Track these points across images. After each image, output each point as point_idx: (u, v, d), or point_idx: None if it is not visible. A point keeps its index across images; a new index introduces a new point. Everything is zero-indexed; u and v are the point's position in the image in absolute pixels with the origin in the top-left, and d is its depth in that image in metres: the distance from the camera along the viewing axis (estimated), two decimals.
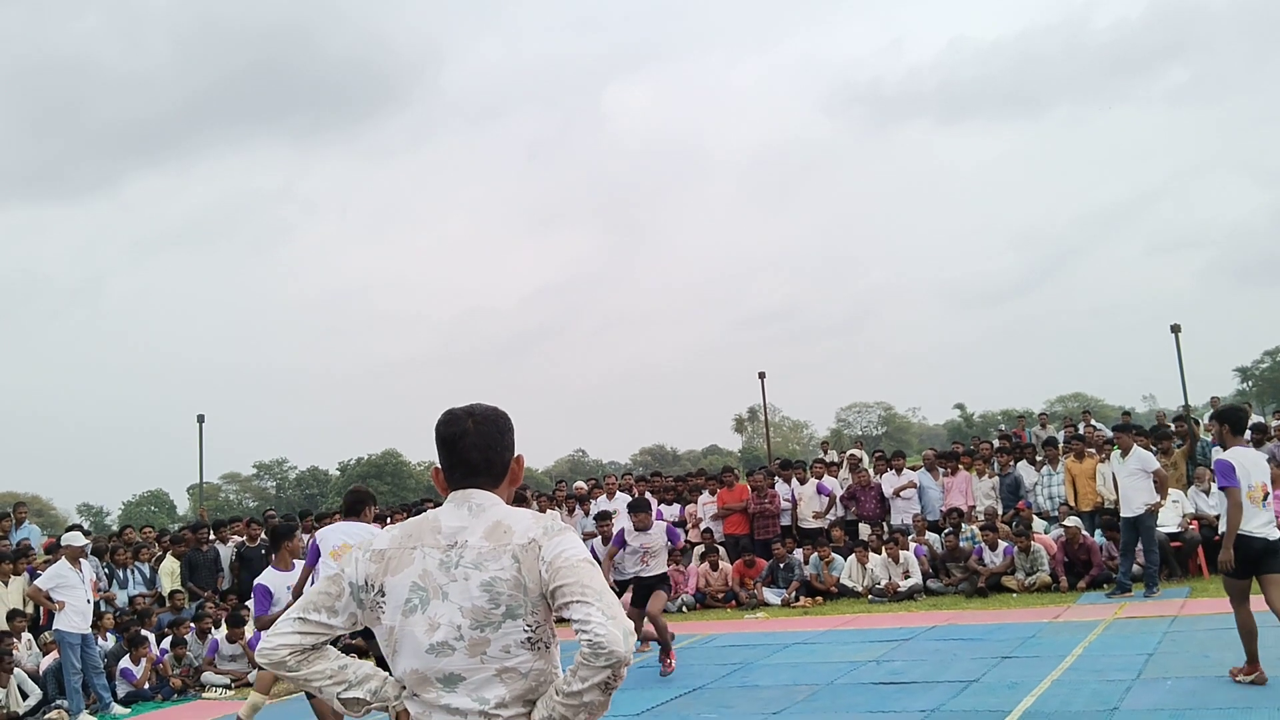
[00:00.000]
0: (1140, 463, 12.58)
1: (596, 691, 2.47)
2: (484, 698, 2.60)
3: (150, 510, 76.98)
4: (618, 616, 2.48)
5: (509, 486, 2.86)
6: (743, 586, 15.29)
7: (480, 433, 2.81)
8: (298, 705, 10.92)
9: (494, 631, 2.59)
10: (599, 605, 2.49)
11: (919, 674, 9.24)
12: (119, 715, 11.32)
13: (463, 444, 2.80)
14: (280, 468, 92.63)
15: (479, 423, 2.82)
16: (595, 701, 2.49)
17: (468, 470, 2.80)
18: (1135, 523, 12.40)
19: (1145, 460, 12.68)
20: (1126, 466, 12.57)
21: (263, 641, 2.75)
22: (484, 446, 2.80)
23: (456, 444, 2.81)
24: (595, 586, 2.54)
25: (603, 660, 2.44)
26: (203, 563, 15.22)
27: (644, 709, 8.89)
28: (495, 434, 2.83)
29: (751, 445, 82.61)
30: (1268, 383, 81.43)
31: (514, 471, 2.87)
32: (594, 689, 2.47)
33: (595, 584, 2.55)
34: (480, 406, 2.88)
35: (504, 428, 2.86)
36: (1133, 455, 12.60)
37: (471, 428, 2.81)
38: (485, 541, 2.66)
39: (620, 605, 2.55)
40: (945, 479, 16.29)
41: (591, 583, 2.55)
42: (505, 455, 2.84)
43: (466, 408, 2.88)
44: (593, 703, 2.49)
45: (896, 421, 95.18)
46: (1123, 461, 12.64)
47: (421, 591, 2.66)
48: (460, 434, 2.81)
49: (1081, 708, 7.52)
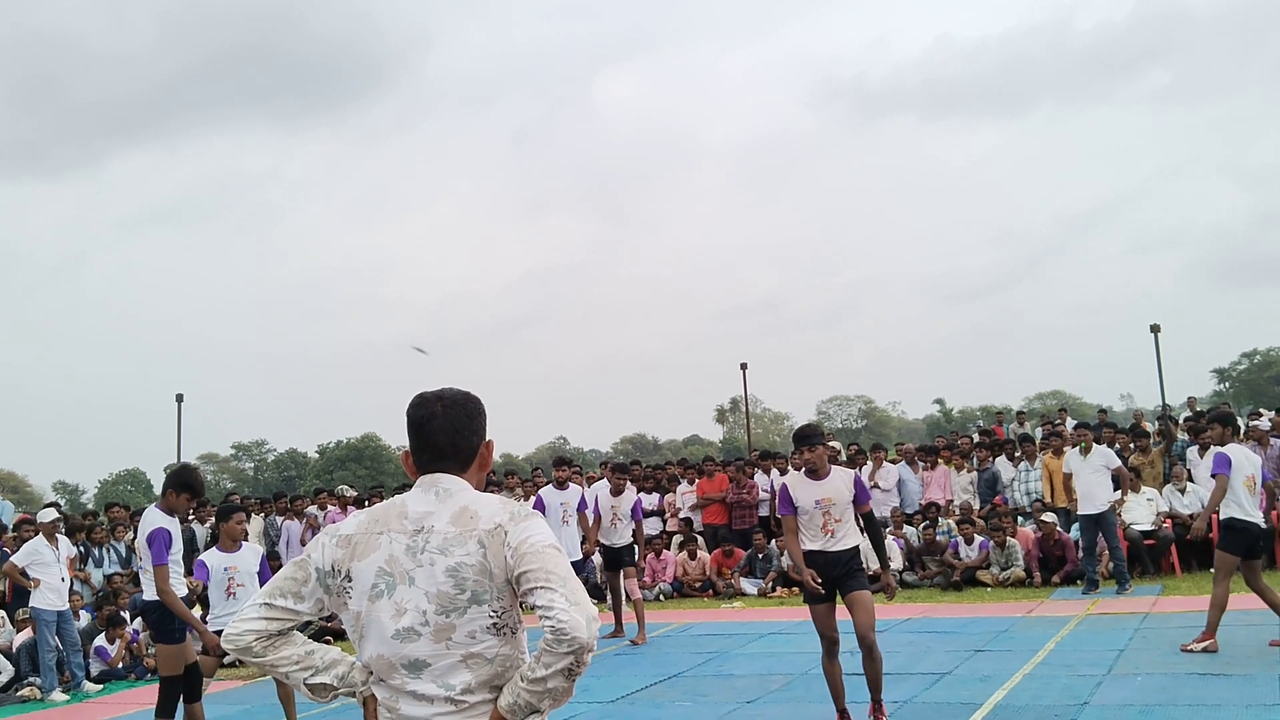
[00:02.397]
0: (1103, 459, 12.66)
1: (560, 678, 2.47)
2: (449, 684, 2.60)
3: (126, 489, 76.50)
4: (581, 603, 2.48)
5: (479, 472, 2.84)
6: (720, 576, 15.33)
7: (449, 417, 2.79)
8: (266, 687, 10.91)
9: (459, 617, 2.59)
10: (563, 591, 2.49)
11: (892, 666, 9.26)
12: (92, 694, 11.28)
13: (430, 427, 2.79)
14: (259, 449, 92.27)
15: (448, 406, 2.80)
16: (559, 688, 2.49)
17: (435, 454, 2.79)
18: (1097, 519, 12.47)
19: (1108, 457, 12.76)
20: (1089, 463, 12.62)
21: (229, 627, 2.74)
22: (452, 431, 2.78)
23: (424, 427, 2.79)
24: (559, 573, 2.53)
25: (565, 646, 2.43)
26: None
27: (619, 695, 8.91)
28: (464, 418, 2.81)
29: (733, 436, 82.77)
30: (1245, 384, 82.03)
31: (483, 457, 2.84)
32: (557, 675, 2.46)
33: (560, 570, 2.54)
34: (451, 390, 2.86)
35: (473, 412, 2.84)
36: (1095, 452, 12.68)
37: (440, 411, 2.79)
38: (452, 527, 2.65)
39: (585, 591, 2.54)
40: (924, 473, 16.38)
41: (556, 569, 2.54)
42: (474, 440, 2.81)
43: (437, 391, 2.85)
44: (557, 689, 2.49)
45: (876, 415, 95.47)
46: (1084, 458, 12.68)
47: (388, 577, 2.65)
48: (428, 417, 2.79)
49: (1052, 702, 7.57)
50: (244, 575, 8.06)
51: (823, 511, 6.88)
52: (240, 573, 8.06)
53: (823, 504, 6.88)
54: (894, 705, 7.85)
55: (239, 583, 8.02)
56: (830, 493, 6.89)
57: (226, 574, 8.04)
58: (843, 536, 6.90)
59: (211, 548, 8.53)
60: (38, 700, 11.06)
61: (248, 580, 8.06)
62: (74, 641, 11.51)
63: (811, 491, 6.93)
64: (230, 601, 7.99)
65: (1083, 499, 12.59)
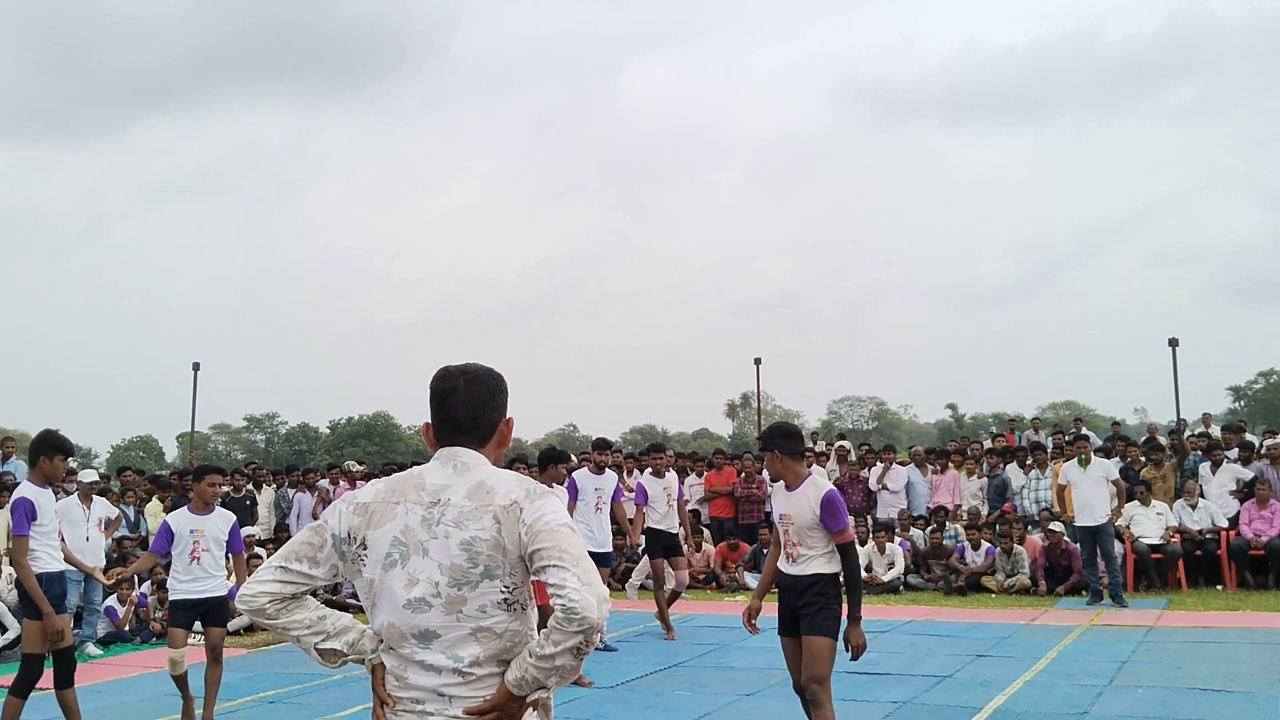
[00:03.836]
0: (1103, 471, 12.62)
1: (568, 656, 2.49)
2: (458, 655, 2.62)
3: (139, 455, 76.93)
4: (593, 583, 2.49)
5: (498, 448, 2.84)
6: (725, 569, 15.35)
7: (470, 391, 2.80)
8: (270, 656, 10.98)
9: (471, 591, 2.61)
10: (575, 570, 2.51)
11: (893, 666, 9.30)
12: (94, 655, 11.36)
13: (452, 401, 2.80)
14: (271, 422, 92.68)
15: (470, 381, 2.82)
16: (567, 665, 2.51)
17: (454, 428, 2.80)
18: (1095, 532, 12.43)
19: (1107, 469, 12.73)
20: (1088, 475, 12.57)
21: (243, 588, 2.77)
22: (473, 405, 2.79)
23: (446, 400, 2.81)
24: (573, 552, 2.55)
25: (575, 625, 2.45)
26: None
27: (619, 682, 8.94)
28: (485, 394, 2.82)
29: (742, 431, 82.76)
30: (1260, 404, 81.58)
31: (503, 434, 2.85)
32: (566, 653, 2.48)
33: (573, 549, 2.56)
34: (475, 366, 2.88)
35: (495, 389, 2.85)
36: (1095, 464, 12.65)
37: (463, 385, 2.81)
38: (468, 501, 2.67)
39: (597, 572, 2.56)
40: (934, 476, 16.36)
41: (569, 548, 2.55)
42: (494, 416, 2.82)
43: (461, 366, 2.87)
44: (564, 666, 2.51)
45: (888, 417, 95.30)
46: (1084, 470, 12.63)
47: (402, 546, 2.68)
48: (450, 390, 2.81)
49: (1052, 709, 7.57)
50: (210, 540, 7.78)
51: (783, 529, 5.95)
52: (207, 537, 7.76)
53: (784, 520, 5.92)
54: (894, 706, 7.86)
55: (204, 547, 7.71)
56: (792, 509, 5.85)
57: (192, 536, 7.72)
58: (804, 561, 5.84)
59: (181, 507, 8.21)
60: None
61: (214, 546, 7.77)
62: (94, 603, 11.63)
63: (780, 503, 5.99)
64: (194, 566, 7.68)
65: (1082, 510, 12.53)
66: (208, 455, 73.50)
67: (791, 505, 5.86)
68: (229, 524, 8.00)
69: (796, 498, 5.83)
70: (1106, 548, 12.52)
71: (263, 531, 15.66)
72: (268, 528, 15.98)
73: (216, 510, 7.97)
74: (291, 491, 16.62)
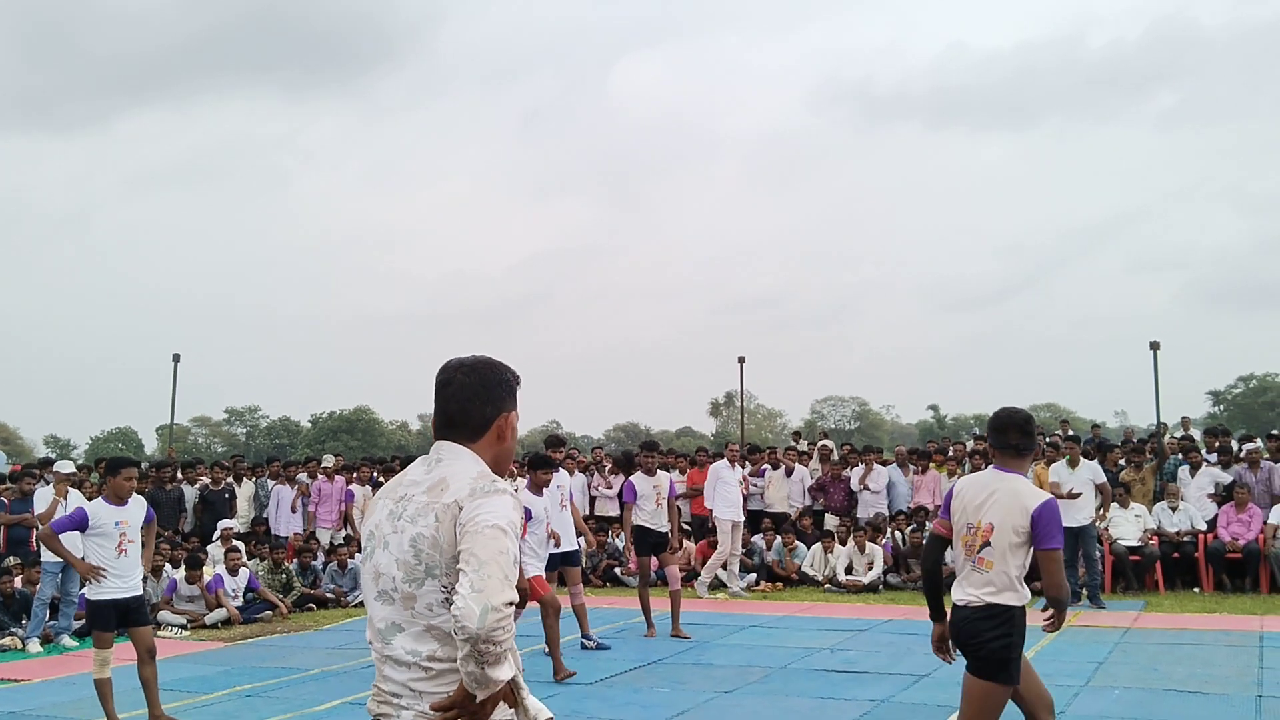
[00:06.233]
0: (1090, 474, 12.68)
1: (469, 663, 2.45)
2: (417, 650, 2.62)
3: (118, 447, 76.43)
4: (486, 589, 2.44)
5: (496, 444, 2.80)
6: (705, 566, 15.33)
7: (462, 385, 2.78)
8: (246, 650, 10.93)
9: (418, 588, 2.61)
10: (472, 576, 2.46)
11: (871, 665, 9.32)
12: (69, 648, 11.28)
13: (445, 394, 2.79)
14: (252, 415, 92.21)
15: (466, 373, 2.80)
16: (475, 673, 2.46)
17: (444, 421, 2.80)
18: (1078, 532, 12.47)
19: (1095, 472, 12.78)
20: (1076, 477, 12.64)
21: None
22: (463, 399, 2.77)
23: (441, 393, 2.81)
24: (481, 555, 2.50)
25: (460, 635, 2.43)
26: (165, 501, 15.11)
27: (597, 678, 8.93)
28: (479, 387, 2.78)
29: (725, 430, 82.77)
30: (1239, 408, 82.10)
31: (500, 429, 2.80)
32: (468, 660, 2.45)
33: (483, 552, 2.50)
34: (476, 358, 2.84)
35: (491, 383, 2.80)
36: (1083, 465, 12.71)
37: (457, 378, 2.79)
38: (425, 496, 2.67)
39: (501, 578, 2.47)
40: (915, 476, 16.40)
41: (479, 551, 2.51)
42: (485, 410, 2.78)
43: (464, 358, 2.84)
44: (471, 673, 2.46)
45: (870, 417, 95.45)
46: (1072, 472, 12.69)
47: (373, 540, 2.71)
48: (445, 383, 2.80)
49: None
50: (134, 531, 7.64)
51: None
52: (130, 528, 7.61)
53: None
54: (871, 704, 7.87)
55: (130, 539, 7.57)
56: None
57: (118, 528, 7.54)
58: None
59: (98, 498, 7.98)
60: (18, 650, 11.06)
61: (137, 537, 7.65)
62: (70, 594, 11.54)
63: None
64: (122, 559, 7.53)
65: (1066, 512, 12.52)
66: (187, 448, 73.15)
67: None
68: (144, 510, 7.85)
69: None
70: (1089, 549, 12.58)
71: (241, 525, 15.57)
72: (246, 521, 15.89)
73: (132, 500, 7.76)
74: (271, 483, 16.53)
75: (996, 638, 4.70)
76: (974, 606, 4.77)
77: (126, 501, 7.68)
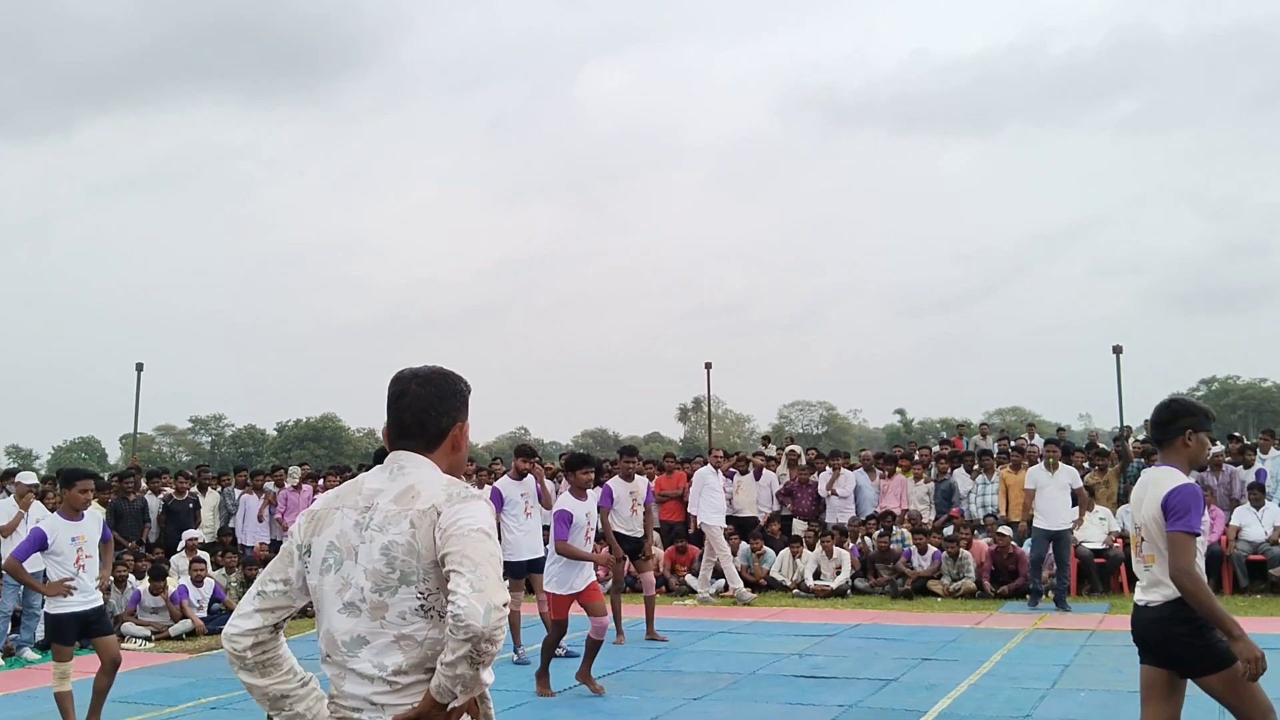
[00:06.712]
0: (1069, 477, 12.76)
1: (464, 664, 2.45)
2: (383, 664, 2.61)
3: (80, 457, 75.56)
4: (486, 589, 2.45)
5: (451, 454, 2.81)
6: (673, 573, 15.34)
7: (418, 395, 2.78)
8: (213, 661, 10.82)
9: (390, 596, 2.60)
10: (470, 576, 2.47)
11: (839, 670, 9.35)
12: (31, 661, 11.13)
13: (400, 404, 2.79)
14: (217, 423, 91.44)
15: (421, 384, 2.80)
16: (466, 675, 2.46)
17: (400, 431, 2.79)
18: (1055, 535, 12.55)
19: (1073, 476, 12.87)
20: (1055, 480, 12.71)
21: (226, 628, 2.77)
22: (419, 410, 2.77)
23: (395, 404, 2.80)
24: (474, 557, 2.51)
25: (462, 634, 2.42)
26: (129, 512, 14.97)
27: (565, 687, 8.90)
28: (434, 397, 2.79)
29: (694, 435, 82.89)
30: None
31: (455, 438, 2.81)
32: (461, 661, 2.44)
33: (476, 555, 2.52)
34: (430, 369, 2.85)
35: (446, 392, 2.81)
36: (1062, 470, 12.78)
37: (412, 389, 2.79)
38: (393, 505, 2.66)
39: (497, 579, 2.50)
40: (882, 481, 16.48)
41: (472, 553, 2.52)
42: (442, 420, 2.79)
43: (416, 369, 2.85)
44: (464, 675, 2.46)
45: (837, 422, 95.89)
46: (1051, 475, 12.76)
47: (336, 551, 2.68)
48: (400, 394, 2.80)
49: (995, 713, 7.64)
50: (91, 545, 7.52)
51: None
52: (88, 542, 7.49)
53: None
54: (840, 709, 7.90)
55: (87, 554, 7.45)
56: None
57: (75, 544, 7.41)
58: None
59: (54, 513, 7.89)
60: None
61: (95, 551, 7.54)
62: (32, 607, 11.38)
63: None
64: (81, 573, 7.42)
65: (1045, 514, 12.56)
66: (152, 457, 72.35)
67: None
68: (100, 525, 7.79)
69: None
70: (1062, 554, 12.68)
71: (206, 535, 15.42)
72: (212, 531, 15.73)
73: (88, 514, 7.68)
74: (238, 492, 16.38)
75: (1187, 634, 4.62)
76: (1152, 606, 4.76)
77: (83, 515, 7.58)
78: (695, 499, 14.43)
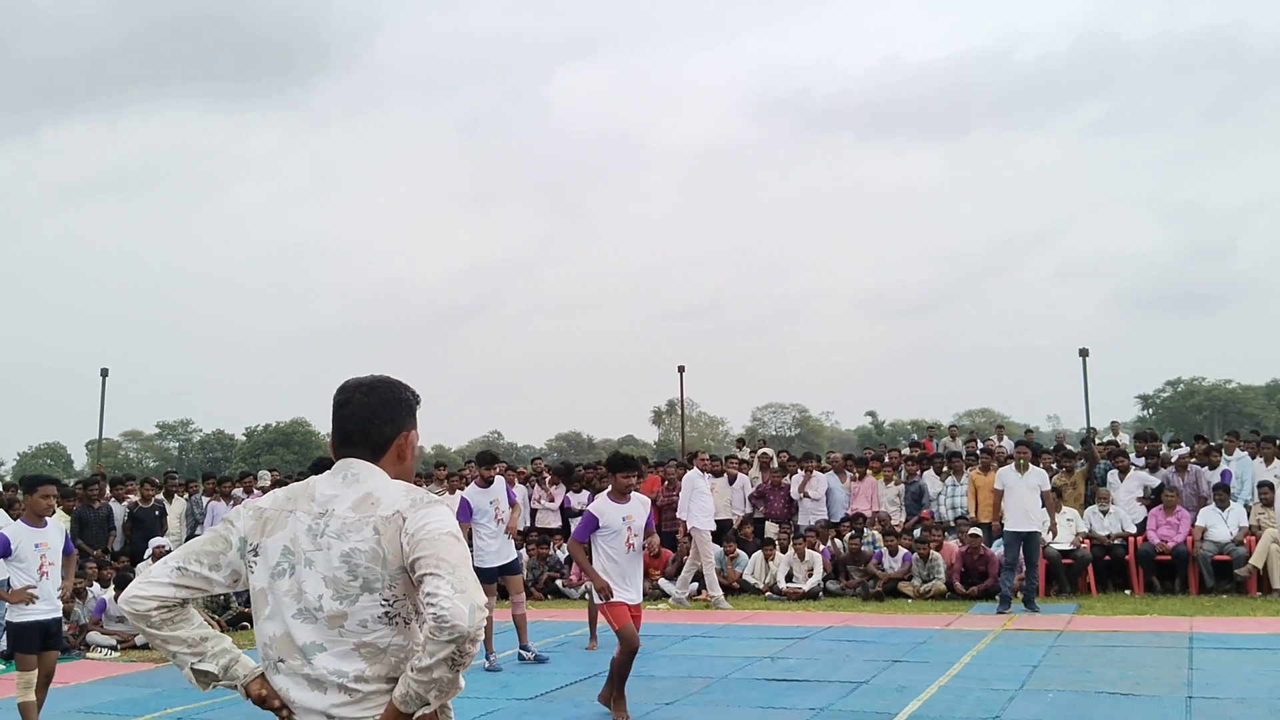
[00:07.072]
0: (1039, 479, 12.82)
1: (444, 667, 2.43)
2: (343, 670, 2.58)
3: (46, 463, 74.73)
4: (467, 590, 2.45)
5: (396, 463, 2.78)
6: (647, 577, 15.31)
7: (361, 404, 2.76)
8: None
9: (351, 604, 2.57)
10: (450, 578, 2.46)
11: (811, 673, 9.36)
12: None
13: (343, 413, 2.77)
14: (184, 429, 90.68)
15: (365, 394, 2.78)
16: (444, 678, 2.45)
17: (343, 440, 2.77)
18: (1027, 537, 12.57)
19: (1042, 478, 12.93)
20: (1025, 481, 12.72)
21: (131, 589, 2.68)
22: (362, 419, 2.75)
23: (339, 413, 2.78)
24: (450, 559, 2.51)
25: (446, 635, 2.40)
26: (94, 520, 14.81)
27: (538, 693, 8.87)
28: (378, 407, 2.77)
29: (668, 438, 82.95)
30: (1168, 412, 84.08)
31: (399, 448, 2.79)
32: (441, 664, 2.43)
33: (451, 557, 2.51)
34: (375, 378, 2.83)
35: (390, 401, 2.79)
36: (1032, 471, 12.82)
37: (356, 398, 2.77)
38: (352, 512, 2.63)
39: (474, 581, 2.50)
40: (852, 483, 16.54)
41: (447, 556, 2.51)
42: (385, 430, 2.76)
43: (361, 378, 2.83)
44: (442, 679, 2.45)
45: (810, 424, 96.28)
46: (1021, 476, 12.77)
47: (291, 556, 2.64)
48: (343, 402, 2.78)
49: (965, 714, 7.67)
50: (54, 553, 7.47)
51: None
52: (51, 550, 7.44)
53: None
54: (811, 712, 7.91)
55: (50, 561, 7.40)
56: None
57: (38, 550, 7.36)
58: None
59: (18, 520, 7.77)
60: None
61: (58, 559, 7.49)
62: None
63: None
64: (45, 582, 7.38)
65: (1017, 516, 12.52)
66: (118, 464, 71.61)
67: None
68: (63, 534, 7.73)
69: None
70: (1033, 556, 12.74)
71: (173, 542, 15.25)
72: (178, 538, 15.57)
73: (51, 522, 7.62)
74: (206, 499, 16.24)
75: None
76: None
77: (45, 521, 7.51)
78: (685, 503, 14.39)
